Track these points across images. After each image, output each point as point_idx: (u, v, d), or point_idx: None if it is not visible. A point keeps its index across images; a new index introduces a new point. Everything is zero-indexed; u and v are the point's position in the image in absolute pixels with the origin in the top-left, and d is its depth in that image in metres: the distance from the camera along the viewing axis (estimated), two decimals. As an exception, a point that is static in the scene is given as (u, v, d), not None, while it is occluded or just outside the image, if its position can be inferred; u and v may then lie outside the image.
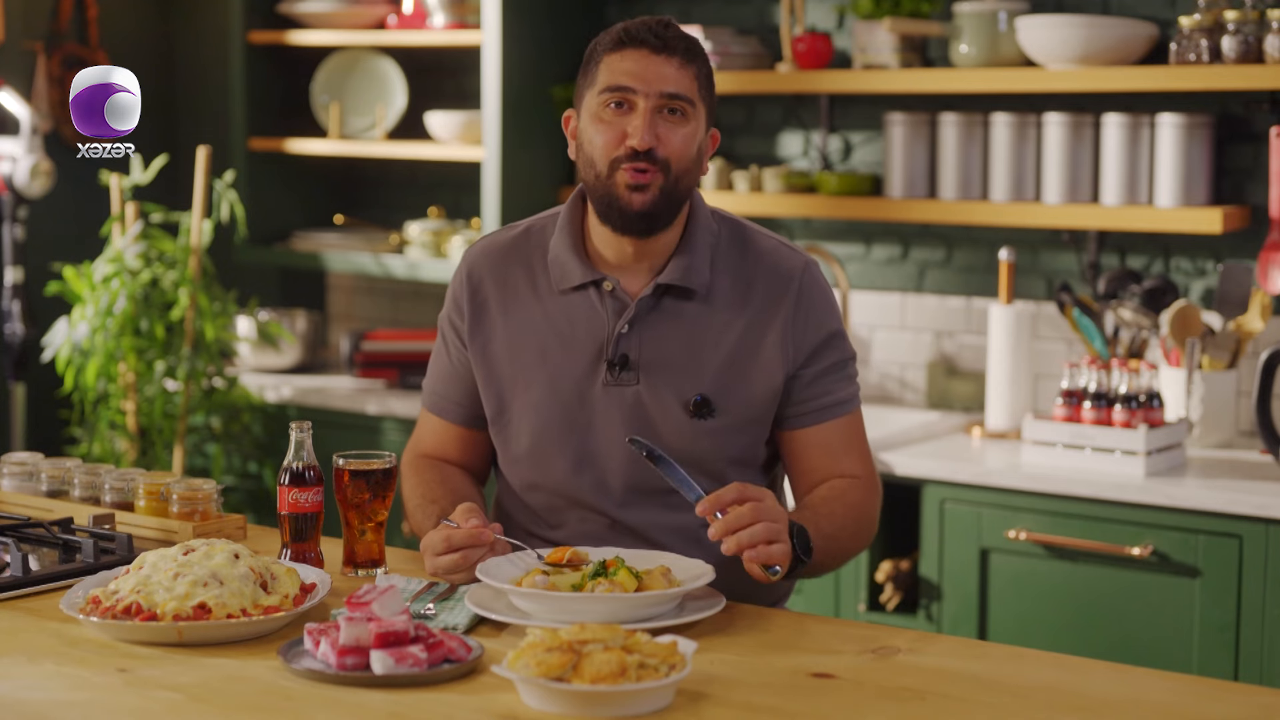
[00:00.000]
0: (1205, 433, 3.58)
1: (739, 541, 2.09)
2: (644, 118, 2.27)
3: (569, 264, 2.37)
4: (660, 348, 2.34)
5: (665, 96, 2.28)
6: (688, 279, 2.34)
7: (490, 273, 2.43)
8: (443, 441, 2.50)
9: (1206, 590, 3.21)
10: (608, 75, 2.29)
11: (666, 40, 2.29)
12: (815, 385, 2.37)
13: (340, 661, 1.85)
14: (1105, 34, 3.60)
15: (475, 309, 2.42)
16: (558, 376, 2.36)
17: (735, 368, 2.34)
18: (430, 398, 2.51)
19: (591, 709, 1.74)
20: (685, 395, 2.33)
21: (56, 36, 4.66)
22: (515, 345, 2.39)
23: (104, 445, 4.24)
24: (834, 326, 2.40)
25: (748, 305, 2.36)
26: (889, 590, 3.59)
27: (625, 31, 2.31)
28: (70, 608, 2.04)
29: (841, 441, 2.39)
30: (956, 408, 4.02)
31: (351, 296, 4.97)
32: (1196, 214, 3.54)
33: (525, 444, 2.39)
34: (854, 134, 4.12)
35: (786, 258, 2.39)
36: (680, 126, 2.29)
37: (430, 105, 4.58)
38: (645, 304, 2.34)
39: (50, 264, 4.51)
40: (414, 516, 2.42)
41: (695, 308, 2.35)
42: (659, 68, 2.28)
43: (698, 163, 2.34)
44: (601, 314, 2.35)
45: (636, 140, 2.26)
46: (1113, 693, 1.87)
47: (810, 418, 2.38)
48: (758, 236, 2.42)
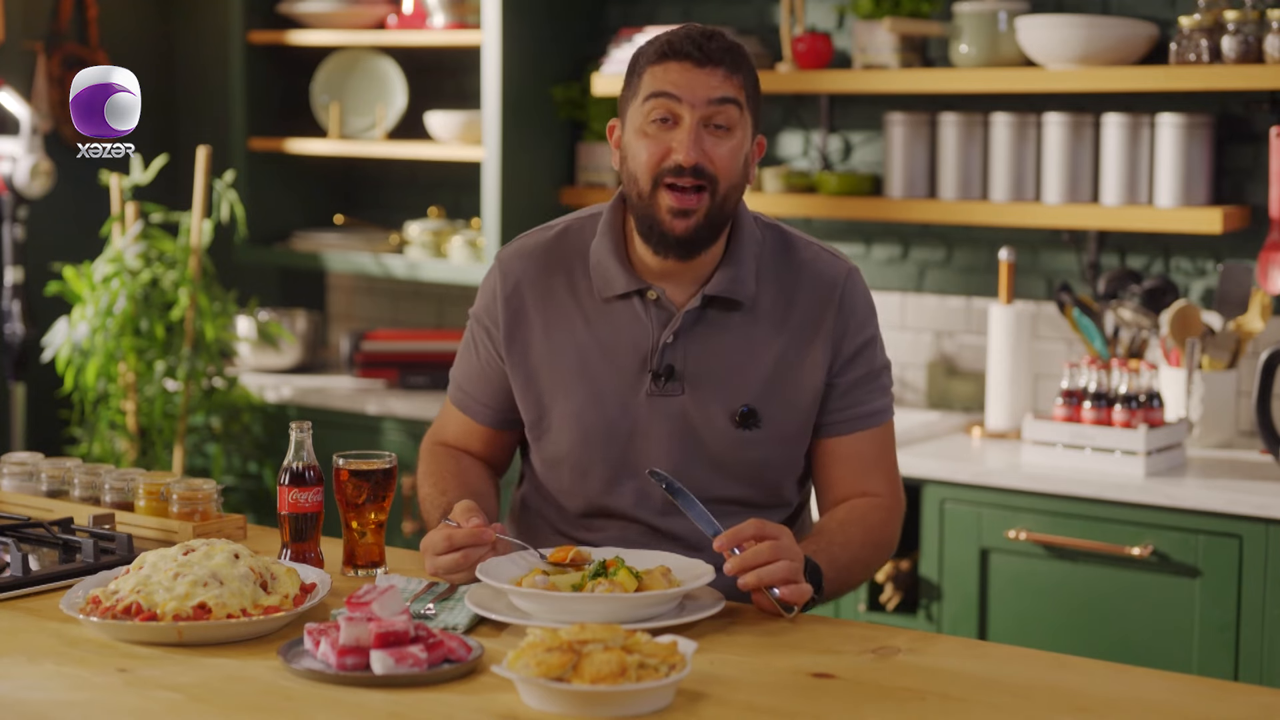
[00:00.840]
0: (1205, 433, 3.58)
1: (759, 577, 2.07)
2: (689, 132, 2.22)
3: (612, 271, 2.33)
4: (706, 359, 2.32)
5: (712, 104, 2.23)
6: (734, 291, 2.31)
7: (527, 277, 2.38)
8: (465, 438, 2.48)
9: (1206, 590, 3.21)
10: (651, 83, 2.24)
11: (709, 53, 2.24)
12: (850, 395, 2.35)
13: (340, 661, 1.85)
14: (1105, 34, 3.60)
15: (511, 315, 2.38)
16: (600, 386, 2.33)
17: (780, 378, 2.32)
18: (457, 394, 2.48)
19: (591, 709, 1.74)
20: (731, 406, 2.31)
21: (56, 36, 4.66)
22: (556, 353, 2.35)
23: (104, 445, 4.24)
24: (872, 333, 2.37)
25: (792, 315, 2.33)
26: (889, 590, 3.59)
27: (668, 44, 2.25)
28: (70, 608, 2.04)
29: (871, 454, 2.37)
30: (956, 408, 4.02)
31: (351, 296, 4.97)
32: (1196, 214, 3.54)
33: (565, 452, 2.36)
34: (854, 134, 4.12)
35: (829, 265, 2.36)
36: (725, 140, 2.25)
37: (430, 105, 4.58)
38: (691, 315, 2.31)
39: (50, 264, 4.51)
40: (423, 505, 2.41)
41: (740, 319, 2.32)
42: (704, 79, 2.23)
43: (744, 175, 2.29)
44: (646, 323, 2.32)
45: (682, 155, 2.22)
46: (1113, 693, 1.87)
47: (842, 427, 2.35)
48: (801, 244, 2.38)
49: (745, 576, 2.07)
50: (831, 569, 2.20)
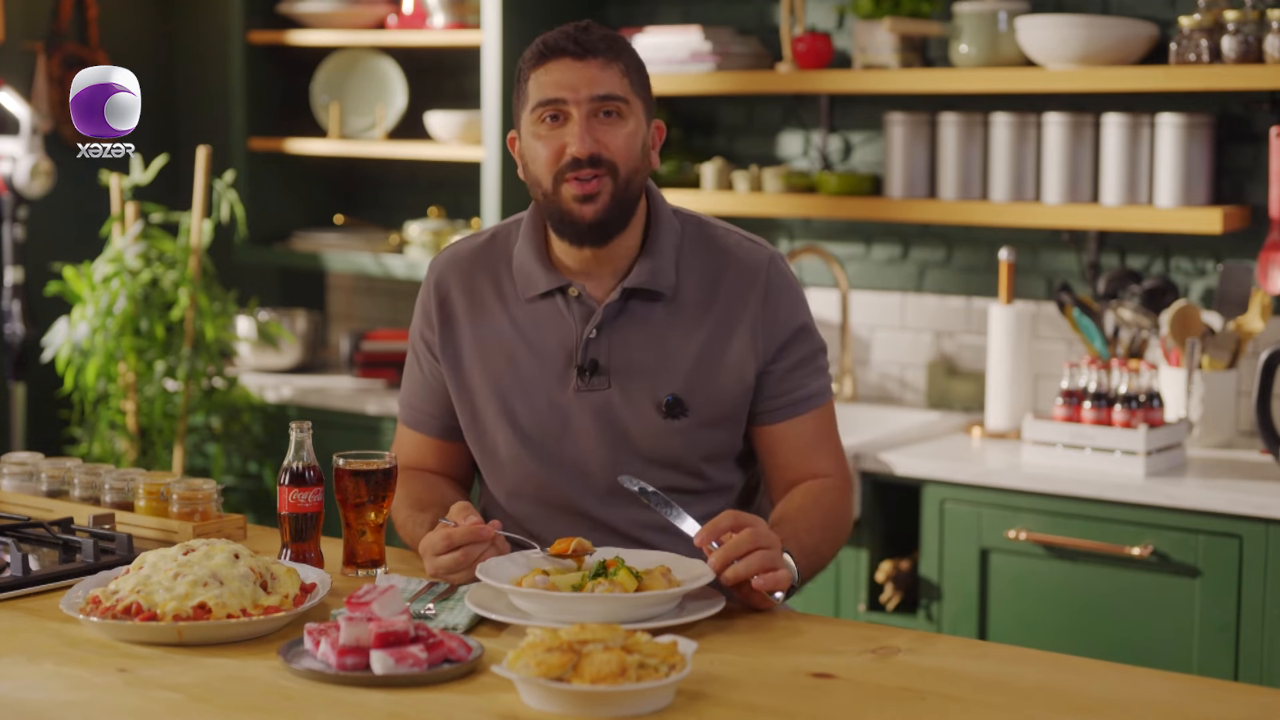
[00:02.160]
0: (1205, 433, 3.58)
1: (741, 569, 2.08)
2: (580, 125, 2.26)
3: (533, 271, 2.37)
4: (629, 351, 2.35)
5: (596, 100, 2.27)
6: (654, 281, 2.34)
7: (457, 282, 2.43)
8: (422, 455, 2.50)
9: (1206, 590, 3.21)
10: (537, 91, 2.28)
11: (586, 44, 2.28)
12: (787, 380, 2.38)
13: (340, 661, 1.85)
14: (1105, 34, 3.60)
15: (444, 319, 2.42)
16: (529, 384, 2.37)
17: (706, 366, 2.34)
18: (406, 411, 2.51)
19: (591, 709, 1.74)
20: (657, 396, 2.34)
21: (56, 36, 4.66)
22: (485, 355, 2.39)
23: (104, 445, 4.24)
24: (803, 319, 2.40)
25: (715, 303, 2.36)
26: (889, 590, 3.59)
27: (545, 44, 2.30)
28: (70, 608, 2.04)
29: (815, 435, 2.39)
30: (956, 408, 4.02)
31: (351, 296, 4.97)
32: (1196, 214, 3.54)
33: (502, 453, 2.39)
34: (854, 134, 4.12)
35: (751, 252, 2.39)
36: (619, 126, 2.29)
37: (430, 105, 4.58)
38: (612, 309, 2.34)
39: (50, 264, 4.51)
40: (404, 526, 2.41)
41: (663, 309, 2.35)
42: (584, 73, 2.27)
43: (645, 159, 2.33)
44: (569, 320, 2.36)
45: (576, 148, 2.26)
46: (1113, 693, 1.87)
47: (783, 412, 2.38)
48: (721, 232, 2.42)
49: (726, 573, 2.09)
50: (801, 555, 2.22)
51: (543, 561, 2.19)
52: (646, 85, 2.35)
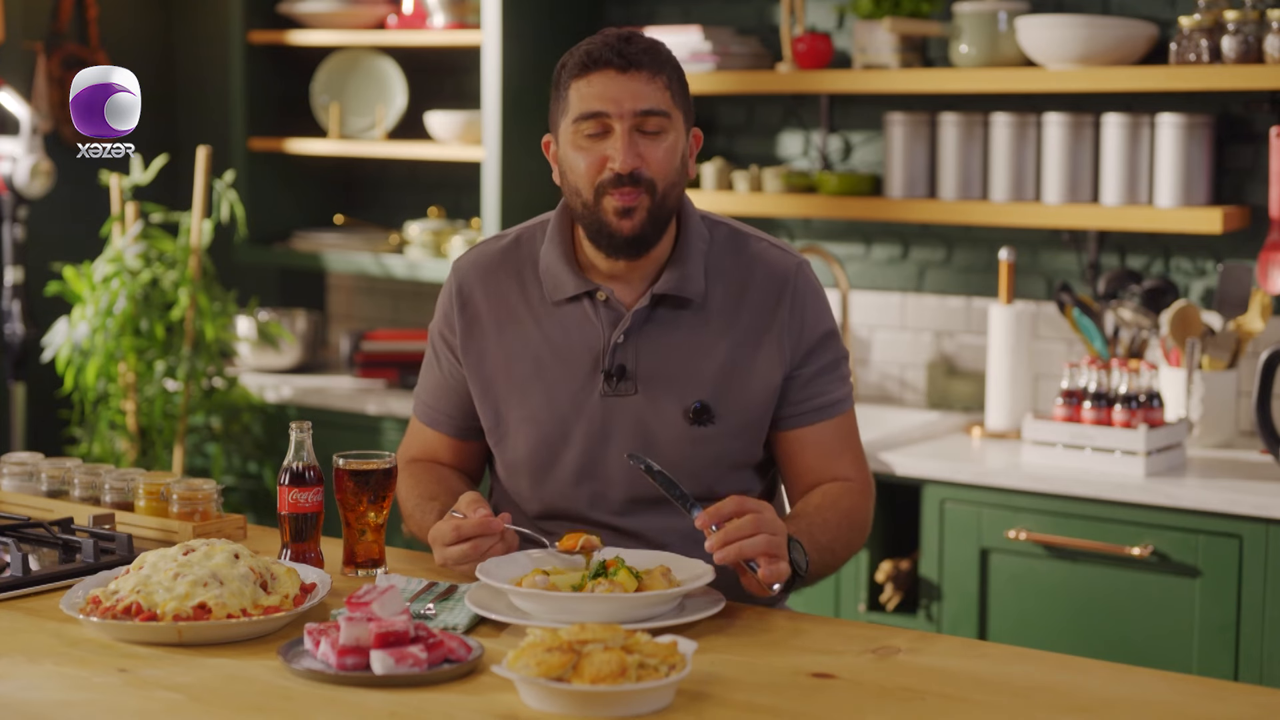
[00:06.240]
0: (1205, 433, 3.58)
1: (740, 550, 2.08)
2: (622, 140, 2.25)
3: (561, 275, 2.36)
4: (657, 357, 2.34)
5: (640, 115, 2.26)
6: (683, 288, 2.33)
7: (480, 285, 2.42)
8: (434, 450, 2.50)
9: (1206, 590, 3.21)
10: (579, 102, 2.27)
11: (630, 57, 2.26)
12: (810, 386, 2.37)
13: (340, 661, 1.85)
14: (1105, 34, 3.60)
15: (467, 323, 2.42)
16: (554, 389, 2.35)
17: (733, 373, 2.34)
18: (422, 408, 2.51)
19: (591, 709, 1.74)
20: (684, 403, 2.33)
21: (56, 36, 4.66)
22: (510, 358, 2.38)
23: (104, 445, 4.24)
24: (828, 326, 2.40)
25: (743, 310, 2.35)
26: (889, 590, 3.59)
27: (588, 54, 2.28)
28: (70, 608, 2.04)
29: (836, 442, 2.39)
30: (956, 408, 4.02)
31: (351, 296, 4.97)
32: (1196, 214, 3.54)
33: (523, 456, 2.38)
34: (854, 134, 4.12)
35: (779, 260, 2.39)
36: (660, 142, 2.28)
37: (430, 105, 4.58)
38: (640, 315, 2.34)
39: (50, 264, 4.51)
40: (412, 516, 2.41)
41: (691, 316, 2.35)
42: (627, 86, 2.25)
43: (682, 172, 2.32)
44: (596, 325, 2.35)
45: (619, 164, 2.25)
46: (1113, 693, 1.87)
47: (806, 418, 2.38)
48: (749, 240, 2.41)
49: (725, 550, 2.08)
50: (814, 549, 2.22)
51: (546, 560, 2.19)
52: (687, 94, 2.34)
